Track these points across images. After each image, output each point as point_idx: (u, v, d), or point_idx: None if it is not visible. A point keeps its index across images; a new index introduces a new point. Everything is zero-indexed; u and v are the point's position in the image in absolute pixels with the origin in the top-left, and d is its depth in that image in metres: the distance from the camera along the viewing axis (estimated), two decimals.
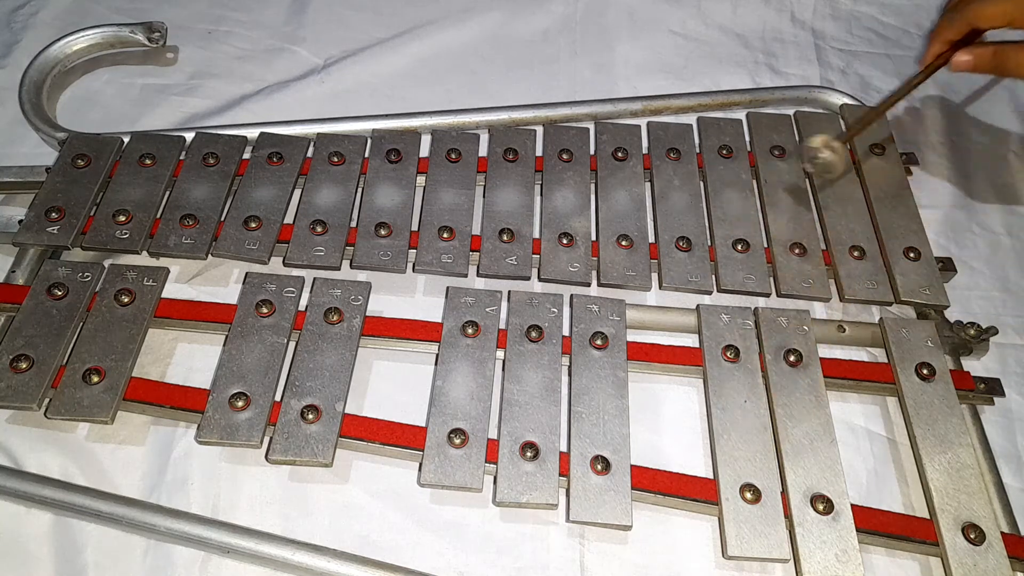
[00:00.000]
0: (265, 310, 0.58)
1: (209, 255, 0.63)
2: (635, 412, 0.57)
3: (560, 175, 0.69)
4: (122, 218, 0.63)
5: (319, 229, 0.63)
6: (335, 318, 0.58)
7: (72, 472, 0.54)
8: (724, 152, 0.72)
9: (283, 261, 0.63)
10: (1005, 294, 0.68)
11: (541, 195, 0.69)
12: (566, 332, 0.60)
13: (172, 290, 0.63)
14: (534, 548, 0.53)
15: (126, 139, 0.69)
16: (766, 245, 0.66)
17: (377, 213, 0.65)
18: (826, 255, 0.66)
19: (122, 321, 0.58)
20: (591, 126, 0.74)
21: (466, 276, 0.63)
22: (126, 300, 0.58)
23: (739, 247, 0.65)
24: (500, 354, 0.59)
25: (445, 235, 0.64)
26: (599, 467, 0.52)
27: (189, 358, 0.60)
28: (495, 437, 0.54)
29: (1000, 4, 0.61)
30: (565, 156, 0.71)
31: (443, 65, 0.83)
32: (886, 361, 0.61)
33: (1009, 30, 0.63)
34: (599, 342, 0.58)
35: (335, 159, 0.69)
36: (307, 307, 0.60)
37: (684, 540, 0.54)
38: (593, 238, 0.66)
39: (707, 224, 0.67)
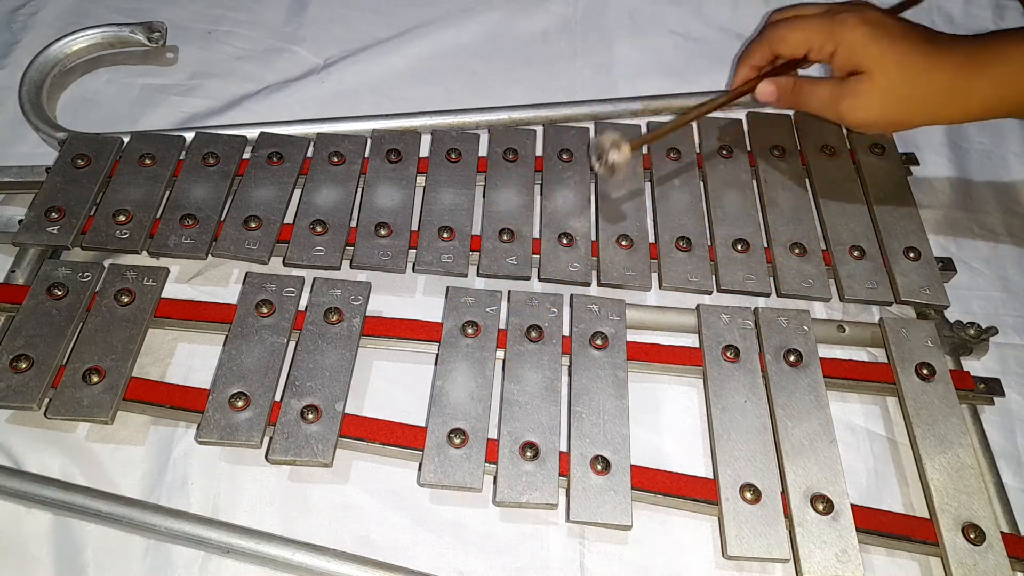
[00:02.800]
0: (265, 310, 0.58)
1: (209, 255, 0.63)
2: (635, 412, 0.57)
3: (560, 175, 0.69)
4: (122, 218, 0.63)
5: (319, 229, 0.63)
6: (335, 318, 0.58)
7: (72, 472, 0.54)
8: (724, 152, 0.72)
9: (283, 261, 0.63)
10: (1005, 294, 0.68)
11: (541, 195, 0.69)
12: (566, 332, 0.60)
13: (172, 290, 0.63)
14: (534, 548, 0.53)
15: (126, 139, 0.69)
16: (766, 245, 0.66)
17: (377, 213, 0.65)
18: (826, 255, 0.66)
19: (122, 321, 0.58)
20: (591, 126, 0.74)
21: (466, 276, 0.63)
22: (126, 300, 0.58)
23: (739, 247, 0.65)
24: (500, 354, 0.59)
25: (445, 235, 0.64)
26: (599, 467, 0.52)
27: (189, 358, 0.60)
28: (495, 437, 0.54)
29: (798, 32, 0.60)
30: (565, 156, 0.71)
31: (443, 65, 0.83)
32: (886, 361, 0.61)
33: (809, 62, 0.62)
34: (599, 342, 0.58)
35: (335, 159, 0.69)
36: (307, 307, 0.60)
37: (684, 540, 0.54)
38: (593, 238, 0.66)
39: (707, 224, 0.67)
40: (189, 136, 0.70)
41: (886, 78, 0.57)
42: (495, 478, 0.52)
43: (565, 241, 0.65)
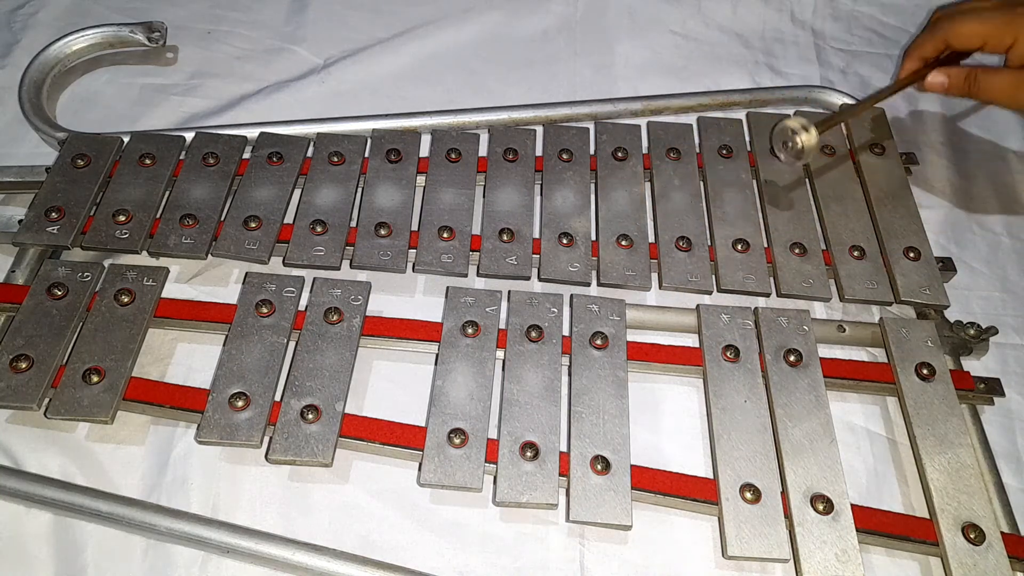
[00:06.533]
0: (265, 310, 0.58)
1: (209, 255, 0.63)
2: (635, 412, 0.57)
3: (560, 175, 0.69)
4: (122, 218, 0.63)
5: (319, 229, 0.63)
6: (335, 318, 0.58)
7: (72, 472, 0.54)
8: (724, 152, 0.72)
9: (283, 261, 0.63)
10: (1005, 294, 0.68)
11: (541, 195, 0.69)
12: (566, 332, 0.60)
13: (172, 290, 0.63)
14: (534, 548, 0.53)
15: (126, 139, 0.69)
16: (766, 245, 0.66)
17: (377, 213, 0.65)
18: (826, 255, 0.66)
19: (122, 321, 0.58)
20: (591, 126, 0.74)
21: (466, 276, 0.63)
22: (126, 300, 0.58)
23: (739, 247, 0.65)
24: (500, 354, 0.59)
25: (445, 235, 0.64)
26: (599, 467, 0.52)
27: (189, 358, 0.60)
28: (495, 437, 0.54)
29: (975, 25, 0.62)
30: (565, 156, 0.71)
31: (443, 65, 0.83)
32: (886, 361, 0.61)
33: (983, 55, 0.63)
34: (599, 342, 0.58)
35: (335, 159, 0.69)
36: (307, 307, 0.60)
37: (684, 540, 0.54)
38: (593, 238, 0.66)
39: (707, 224, 0.67)
40: (189, 136, 0.70)
41: None
42: (495, 478, 0.52)
43: (565, 241, 0.65)
